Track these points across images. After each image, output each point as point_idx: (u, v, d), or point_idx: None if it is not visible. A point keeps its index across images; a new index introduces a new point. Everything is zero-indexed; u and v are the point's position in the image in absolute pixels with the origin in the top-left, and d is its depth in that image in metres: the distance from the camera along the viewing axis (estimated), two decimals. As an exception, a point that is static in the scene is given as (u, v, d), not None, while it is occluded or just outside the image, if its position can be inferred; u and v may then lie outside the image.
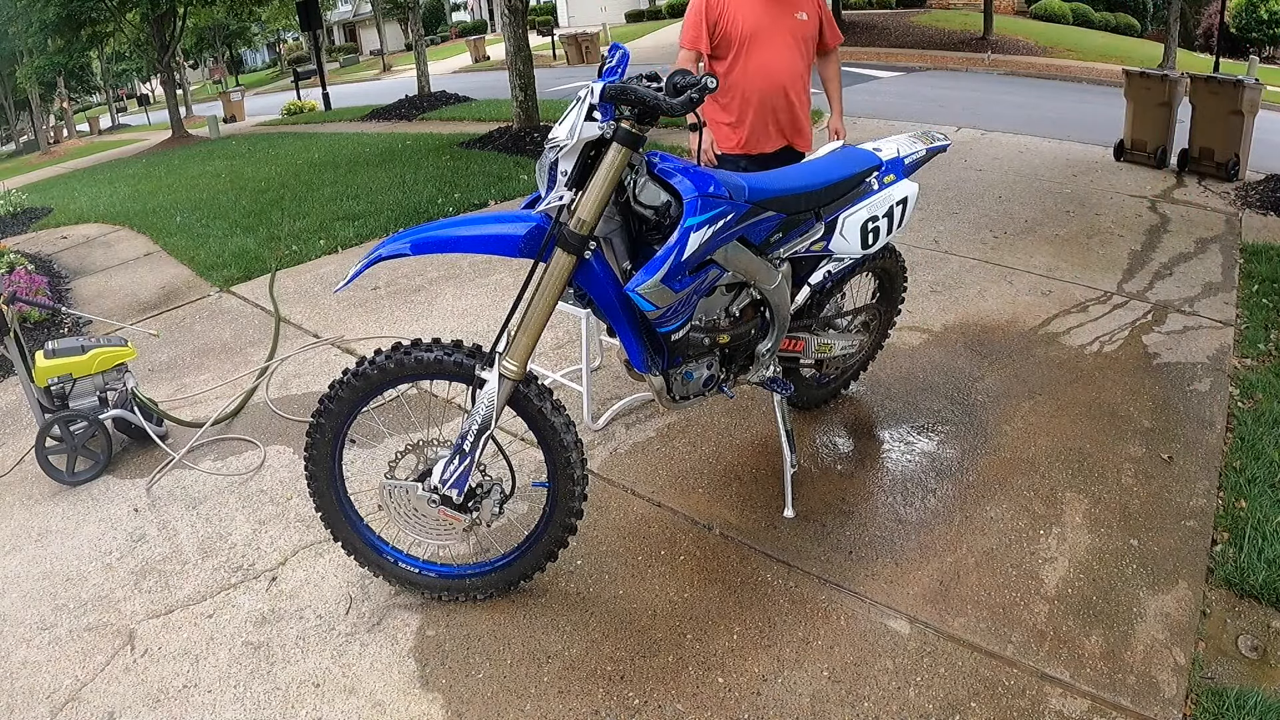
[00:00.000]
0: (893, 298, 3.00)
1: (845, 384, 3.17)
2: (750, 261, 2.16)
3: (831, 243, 2.41)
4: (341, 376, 2.09)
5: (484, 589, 2.27)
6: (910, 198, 2.54)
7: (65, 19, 14.96)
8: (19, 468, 3.18)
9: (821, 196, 2.33)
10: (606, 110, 1.85)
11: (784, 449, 2.59)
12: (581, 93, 1.86)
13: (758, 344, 2.40)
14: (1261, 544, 2.35)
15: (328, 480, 2.19)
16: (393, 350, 2.05)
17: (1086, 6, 25.90)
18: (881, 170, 2.50)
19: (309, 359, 3.89)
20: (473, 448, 1.99)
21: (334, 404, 2.09)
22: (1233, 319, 3.88)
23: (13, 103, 28.99)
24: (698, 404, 2.44)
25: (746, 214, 2.07)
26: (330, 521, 2.25)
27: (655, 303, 1.93)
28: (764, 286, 2.26)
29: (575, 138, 1.83)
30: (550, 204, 1.88)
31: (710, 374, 2.33)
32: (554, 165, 1.86)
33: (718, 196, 1.97)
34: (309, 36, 24.16)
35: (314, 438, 2.13)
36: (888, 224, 2.49)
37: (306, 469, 2.18)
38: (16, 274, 5.19)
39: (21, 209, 9.07)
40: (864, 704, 1.93)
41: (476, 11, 44.45)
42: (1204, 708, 1.89)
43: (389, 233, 5.84)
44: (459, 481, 2.03)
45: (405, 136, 10.86)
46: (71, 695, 2.10)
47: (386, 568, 2.28)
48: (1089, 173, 6.72)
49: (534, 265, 1.95)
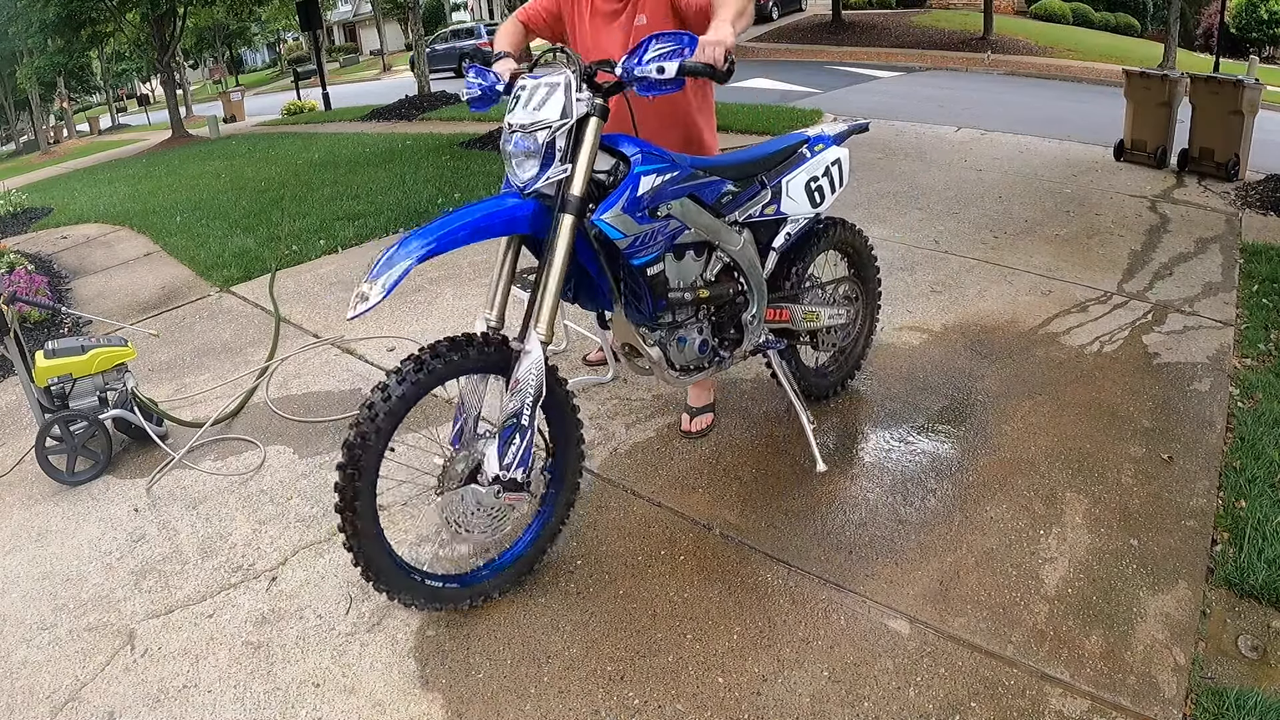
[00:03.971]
0: (866, 272, 3.15)
1: (850, 374, 3.23)
2: (710, 222, 2.39)
3: (782, 205, 2.65)
4: (386, 384, 1.94)
5: (500, 585, 2.27)
6: (843, 159, 2.83)
7: (65, 19, 14.96)
8: (19, 468, 3.18)
9: (759, 165, 2.60)
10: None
11: (796, 407, 2.79)
12: (555, 78, 2.06)
13: (743, 313, 2.59)
14: (1261, 544, 2.35)
15: (369, 502, 1.98)
16: (434, 351, 1.98)
17: (1086, 6, 25.91)
18: (810, 142, 2.78)
19: (309, 359, 3.89)
20: (531, 419, 2.01)
21: (380, 419, 1.91)
22: (1233, 319, 3.88)
23: (13, 103, 29.01)
24: (699, 379, 2.58)
25: (690, 175, 2.29)
26: (368, 556, 2.02)
27: (620, 229, 2.10)
28: (730, 249, 2.48)
29: (573, 116, 2.03)
30: (553, 178, 2.04)
31: (703, 339, 2.52)
32: (550, 144, 2.02)
33: (660, 156, 2.21)
34: (309, 36, 24.17)
35: (356, 453, 1.92)
36: (829, 183, 2.77)
37: (344, 495, 1.95)
38: (16, 274, 5.19)
39: (21, 209, 9.08)
40: (864, 704, 1.93)
41: (477, 11, 44.44)
42: (1204, 708, 1.89)
43: (389, 233, 5.84)
44: (525, 458, 2.03)
45: (405, 136, 10.87)
46: (71, 695, 2.10)
47: (416, 589, 2.13)
48: (1089, 173, 6.72)
49: (509, 245, 2.14)
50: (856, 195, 5.98)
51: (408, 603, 2.14)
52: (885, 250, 4.71)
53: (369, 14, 41.61)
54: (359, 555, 2.02)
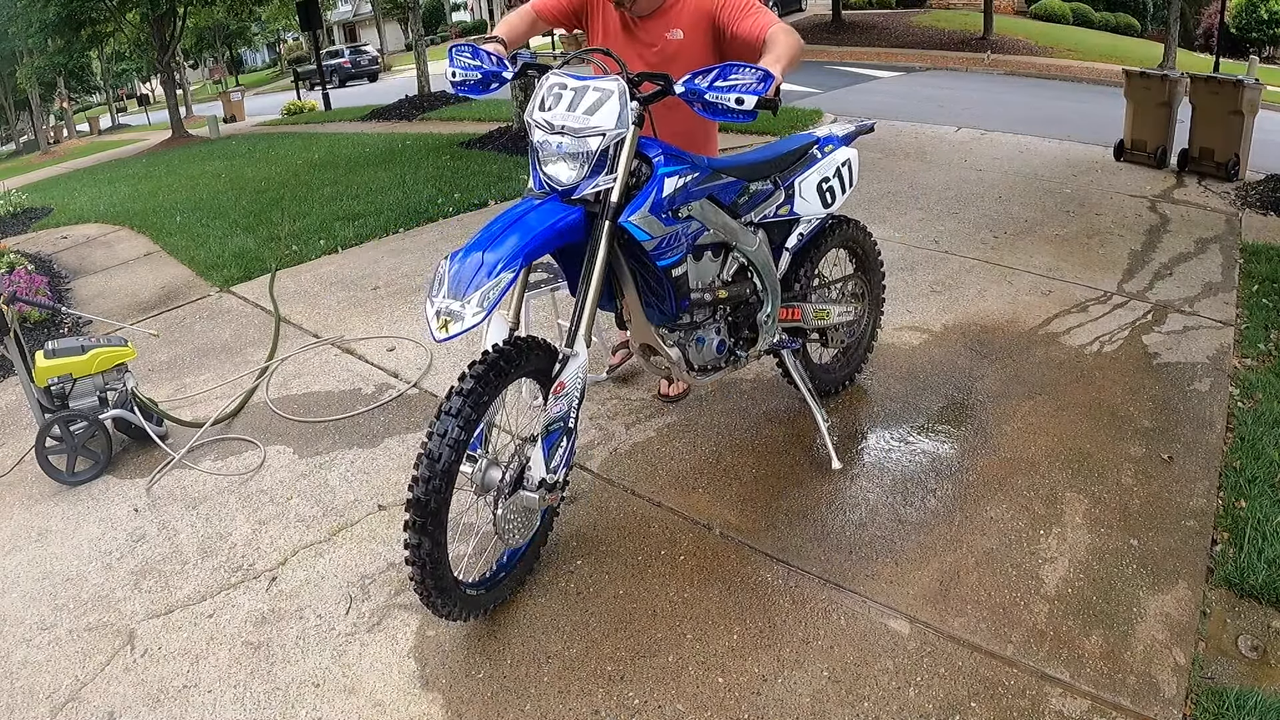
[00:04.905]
0: (871, 268, 3.20)
1: (856, 369, 3.26)
2: (727, 222, 2.42)
3: (795, 205, 2.68)
4: (461, 388, 1.87)
5: (513, 584, 2.27)
6: (852, 160, 2.87)
7: (65, 19, 14.97)
8: (19, 468, 3.18)
9: (773, 166, 2.62)
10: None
11: (811, 406, 2.82)
12: (608, 85, 2.04)
13: (757, 313, 2.62)
14: (1261, 544, 2.35)
15: (442, 534, 1.90)
16: (500, 356, 1.94)
17: (1086, 6, 25.91)
18: (820, 143, 2.81)
19: (309, 359, 3.89)
20: (576, 422, 2.04)
21: (459, 427, 1.84)
22: (1233, 319, 3.88)
23: (13, 103, 29.01)
24: (716, 378, 2.61)
25: (709, 176, 2.32)
26: (442, 588, 1.94)
27: (647, 230, 2.10)
28: (746, 249, 2.51)
29: (628, 127, 2.03)
30: (600, 186, 2.04)
31: (720, 339, 2.56)
32: (604, 152, 2.01)
33: (680, 157, 2.23)
34: (309, 36, 24.16)
35: (435, 466, 1.83)
36: (839, 184, 2.80)
37: (423, 532, 1.84)
38: (16, 274, 5.19)
39: (21, 209, 9.08)
40: (864, 704, 1.93)
41: (477, 11, 44.45)
42: (1204, 708, 1.89)
43: (389, 233, 5.84)
44: (569, 460, 2.07)
45: (405, 136, 10.87)
46: (71, 695, 2.10)
47: (461, 598, 2.05)
48: (1089, 173, 6.72)
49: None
50: (857, 195, 5.97)
51: (456, 617, 2.06)
52: (885, 250, 4.69)
53: (369, 14, 41.62)
54: (424, 556, 1.89)
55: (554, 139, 2.02)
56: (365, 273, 5.02)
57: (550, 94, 2.07)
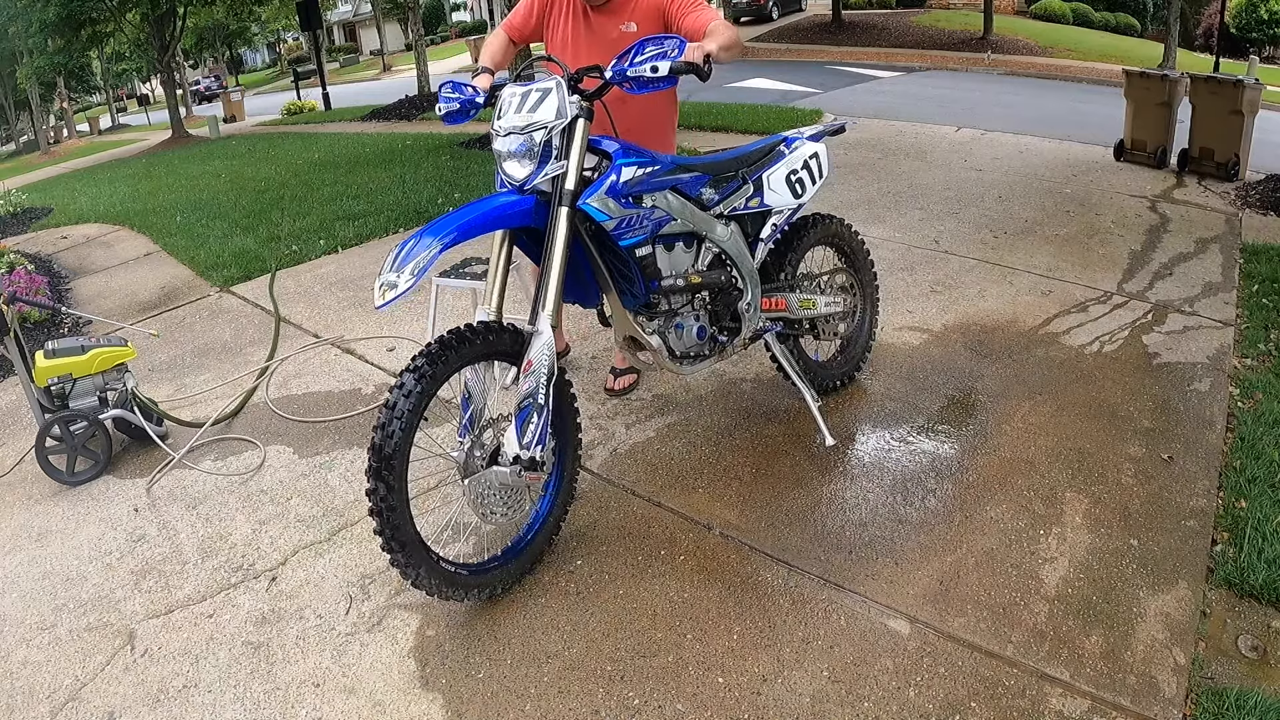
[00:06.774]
0: (858, 262, 3.25)
1: (856, 366, 3.29)
2: (695, 213, 2.54)
3: (765, 197, 2.78)
4: (414, 366, 2.00)
5: (505, 580, 2.27)
6: (820, 154, 2.98)
7: (65, 19, 14.95)
8: (19, 468, 3.18)
9: (739, 163, 2.73)
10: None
11: (799, 386, 2.91)
12: (548, 83, 2.21)
13: (738, 303, 2.71)
14: (1261, 544, 2.35)
15: (400, 482, 1.99)
16: (458, 337, 2.07)
17: (1086, 6, 25.90)
18: (787, 141, 2.92)
19: (309, 359, 3.89)
20: (546, 398, 2.08)
21: (411, 398, 1.96)
22: (1233, 319, 3.88)
23: (13, 103, 29.00)
24: (703, 369, 2.68)
25: (672, 169, 2.44)
26: (401, 541, 2.00)
27: (604, 211, 2.22)
28: (718, 240, 2.62)
29: (567, 116, 2.18)
30: (551, 174, 2.19)
31: (700, 325, 2.64)
32: (547, 143, 2.17)
33: (640, 152, 2.35)
34: (309, 36, 24.16)
35: (390, 430, 1.95)
36: (809, 175, 2.91)
37: (378, 477, 1.95)
38: (16, 274, 5.19)
39: (21, 209, 9.07)
40: (864, 704, 1.93)
41: (477, 11, 44.44)
42: (1204, 708, 1.89)
43: (389, 233, 5.84)
44: (542, 436, 2.09)
45: (405, 136, 10.87)
46: (71, 695, 2.10)
47: (438, 572, 2.10)
48: (1089, 173, 6.72)
49: (503, 241, 2.25)
50: (857, 195, 5.99)
51: (430, 590, 2.11)
52: (885, 250, 4.72)
53: (369, 14, 41.58)
54: (387, 523, 1.98)
55: (508, 140, 2.19)
56: (365, 273, 5.02)
57: (506, 104, 2.25)
